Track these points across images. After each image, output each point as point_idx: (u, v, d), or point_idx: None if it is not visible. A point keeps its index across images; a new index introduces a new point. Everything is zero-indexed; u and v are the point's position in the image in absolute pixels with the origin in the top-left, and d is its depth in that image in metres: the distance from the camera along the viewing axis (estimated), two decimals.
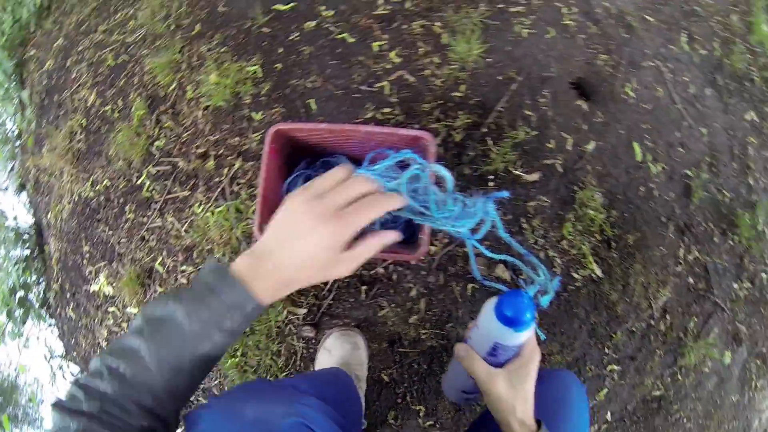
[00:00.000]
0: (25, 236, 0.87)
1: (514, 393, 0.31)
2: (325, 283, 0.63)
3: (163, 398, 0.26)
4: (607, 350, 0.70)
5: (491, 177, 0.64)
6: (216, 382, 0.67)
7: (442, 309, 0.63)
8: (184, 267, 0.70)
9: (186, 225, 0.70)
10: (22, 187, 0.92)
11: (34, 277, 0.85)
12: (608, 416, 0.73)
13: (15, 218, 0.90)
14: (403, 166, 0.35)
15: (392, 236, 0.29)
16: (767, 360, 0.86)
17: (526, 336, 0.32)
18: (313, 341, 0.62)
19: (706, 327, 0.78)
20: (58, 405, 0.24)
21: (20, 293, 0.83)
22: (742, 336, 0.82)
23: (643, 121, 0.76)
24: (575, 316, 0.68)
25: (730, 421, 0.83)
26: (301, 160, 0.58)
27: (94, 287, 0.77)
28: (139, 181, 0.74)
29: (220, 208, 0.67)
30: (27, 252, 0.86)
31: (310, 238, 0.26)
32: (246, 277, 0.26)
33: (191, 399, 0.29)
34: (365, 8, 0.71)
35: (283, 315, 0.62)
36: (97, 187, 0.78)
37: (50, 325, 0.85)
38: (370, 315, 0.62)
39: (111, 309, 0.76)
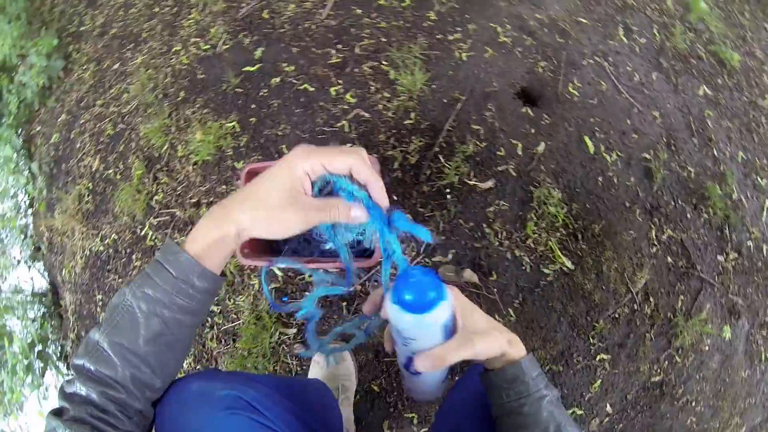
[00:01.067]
0: (42, 298, 1.08)
1: (488, 339, 0.30)
2: None
3: (131, 388, 0.27)
4: (592, 340, 0.82)
5: (448, 190, 0.81)
6: None
7: None
8: None
9: None
10: (37, 249, 1.15)
11: (51, 332, 1.05)
12: (608, 408, 0.83)
13: (32, 281, 1.11)
14: None
15: (357, 212, 0.27)
16: None
17: (450, 301, 0.28)
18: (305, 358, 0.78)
19: (696, 304, 0.88)
20: (51, 412, 0.27)
21: (39, 347, 1.02)
22: (739, 308, 0.91)
23: (591, 116, 0.92)
24: (552, 310, 0.80)
25: (744, 398, 0.90)
26: None
27: None
28: (143, 233, 0.95)
29: None
30: (44, 310, 1.06)
31: (273, 171, 0.26)
32: (189, 237, 0.27)
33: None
34: (321, 60, 0.93)
35: (276, 336, 0.78)
36: (105, 241, 1.00)
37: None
38: None
39: None
